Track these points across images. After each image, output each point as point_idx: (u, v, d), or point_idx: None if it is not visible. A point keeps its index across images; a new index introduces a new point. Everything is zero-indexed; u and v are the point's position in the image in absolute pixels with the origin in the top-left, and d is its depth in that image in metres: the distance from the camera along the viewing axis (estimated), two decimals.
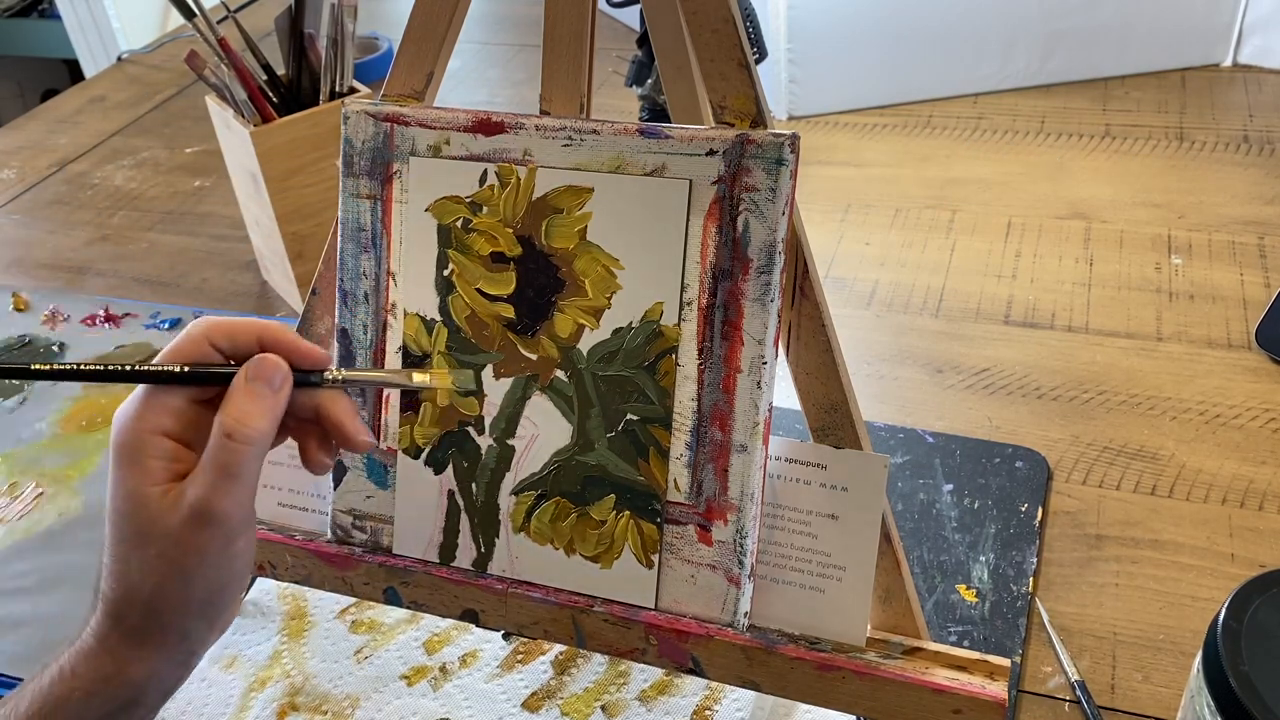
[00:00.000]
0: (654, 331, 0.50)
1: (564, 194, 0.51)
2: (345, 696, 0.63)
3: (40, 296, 1.03)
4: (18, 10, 2.45)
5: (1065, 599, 0.66)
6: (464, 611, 0.55)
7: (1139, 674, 0.62)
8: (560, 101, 0.52)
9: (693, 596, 0.51)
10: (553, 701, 0.61)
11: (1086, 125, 1.14)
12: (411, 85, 0.55)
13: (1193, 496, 0.72)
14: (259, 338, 0.47)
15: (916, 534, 0.70)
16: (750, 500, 0.50)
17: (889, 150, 1.14)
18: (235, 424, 0.44)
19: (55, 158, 1.32)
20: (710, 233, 0.49)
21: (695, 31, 0.48)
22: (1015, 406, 0.80)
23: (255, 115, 0.91)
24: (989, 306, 0.90)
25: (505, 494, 0.54)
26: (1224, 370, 0.82)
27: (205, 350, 0.46)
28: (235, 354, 0.47)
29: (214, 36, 0.90)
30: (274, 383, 0.45)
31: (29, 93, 2.61)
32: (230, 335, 0.47)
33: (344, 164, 0.55)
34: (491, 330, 0.53)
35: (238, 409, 0.44)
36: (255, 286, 1.04)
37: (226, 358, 0.47)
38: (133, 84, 1.50)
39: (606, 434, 0.52)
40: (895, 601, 0.52)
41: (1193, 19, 1.19)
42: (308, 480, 0.60)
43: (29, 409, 0.90)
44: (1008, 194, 1.05)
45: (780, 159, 0.47)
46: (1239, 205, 0.99)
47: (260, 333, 0.47)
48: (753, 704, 0.60)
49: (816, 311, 0.50)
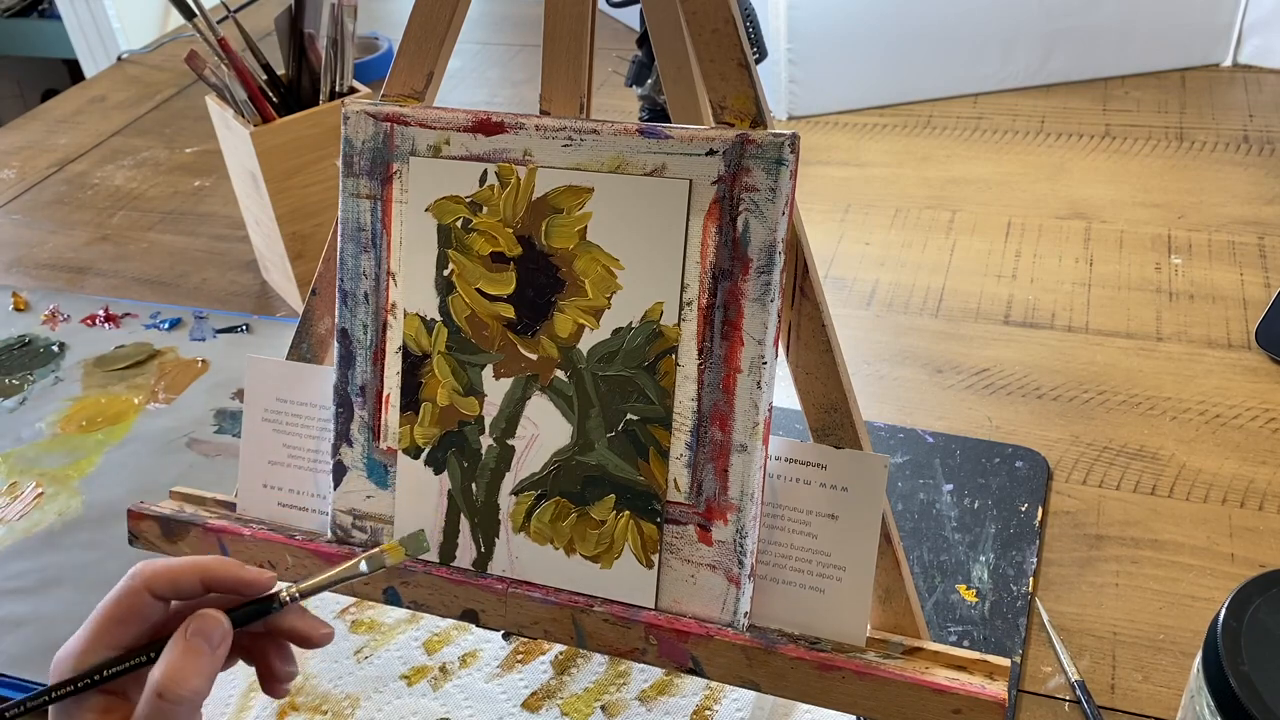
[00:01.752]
0: (654, 331, 0.50)
1: (564, 194, 0.51)
2: (345, 696, 0.63)
3: (40, 296, 1.03)
4: (18, 10, 2.45)
5: (1065, 599, 0.66)
6: (464, 611, 0.55)
7: (1139, 674, 0.62)
8: (560, 101, 0.52)
9: (693, 596, 0.51)
10: (553, 701, 0.61)
11: (1086, 125, 1.14)
12: (411, 85, 0.55)
13: (1193, 496, 0.72)
14: (201, 579, 0.47)
15: (916, 534, 0.70)
16: (750, 500, 0.50)
17: (889, 150, 1.14)
18: (169, 684, 0.44)
19: (55, 158, 1.32)
20: (710, 233, 0.49)
21: (695, 31, 0.48)
22: (1015, 406, 0.80)
23: (255, 115, 0.91)
24: (989, 306, 0.90)
25: (505, 494, 0.54)
26: (1224, 370, 0.82)
27: (145, 601, 0.46)
28: (179, 598, 0.47)
29: (214, 36, 0.90)
30: (213, 640, 0.45)
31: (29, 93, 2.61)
32: (171, 581, 0.46)
33: (344, 164, 0.55)
34: (491, 330, 0.53)
35: (173, 668, 0.44)
36: (255, 286, 1.04)
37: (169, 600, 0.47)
38: (133, 84, 1.50)
39: (606, 434, 0.52)
40: (895, 601, 0.52)
41: (1193, 19, 1.19)
42: (308, 480, 0.60)
43: (29, 409, 0.90)
44: (1008, 194, 1.05)
45: (780, 159, 0.47)
46: (1239, 205, 0.99)
47: (202, 574, 0.47)
48: (753, 704, 0.60)
49: (816, 311, 0.50)
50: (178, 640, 0.45)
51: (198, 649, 0.45)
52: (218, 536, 0.60)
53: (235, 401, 0.88)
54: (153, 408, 0.88)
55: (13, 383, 0.93)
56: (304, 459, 0.60)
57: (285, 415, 0.60)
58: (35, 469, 0.84)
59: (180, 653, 0.45)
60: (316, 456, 0.60)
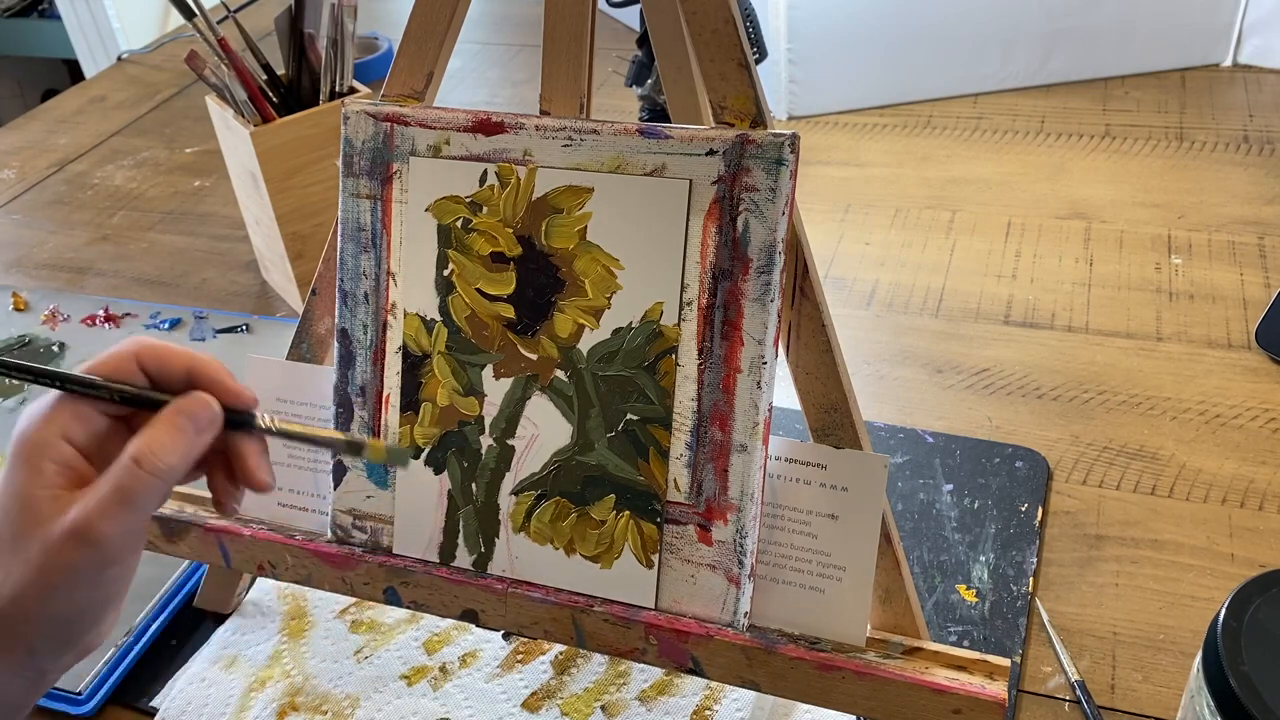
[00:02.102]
0: (654, 331, 0.50)
1: (564, 194, 0.51)
2: (345, 696, 0.63)
3: (40, 296, 1.03)
4: (18, 10, 2.45)
5: (1065, 599, 0.66)
6: (464, 611, 0.55)
7: (1139, 674, 0.62)
8: (560, 101, 0.52)
9: (693, 596, 0.51)
10: (553, 701, 0.61)
11: (1086, 125, 1.14)
12: (411, 85, 0.55)
13: (1193, 496, 0.72)
14: (188, 369, 0.45)
15: (916, 534, 0.70)
16: (750, 500, 0.50)
17: (889, 150, 1.14)
18: (148, 453, 0.42)
19: (55, 158, 1.32)
20: (710, 233, 0.49)
21: (695, 31, 0.48)
22: (1015, 406, 0.80)
23: (255, 115, 0.91)
24: (989, 306, 0.90)
25: (505, 494, 0.54)
26: (1224, 370, 0.82)
27: (131, 369, 0.45)
28: (161, 380, 0.45)
29: (214, 36, 0.90)
30: (199, 422, 0.44)
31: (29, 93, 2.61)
32: (160, 360, 0.45)
33: (344, 164, 0.55)
34: (491, 330, 0.53)
35: (155, 439, 0.43)
36: (255, 286, 1.04)
37: (152, 381, 0.45)
38: (133, 84, 1.50)
39: (606, 434, 0.52)
40: (895, 601, 0.52)
41: (1193, 19, 1.19)
42: (308, 480, 0.60)
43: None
44: (1008, 194, 1.05)
45: (780, 159, 0.47)
46: (1239, 205, 0.99)
47: (190, 365, 0.45)
48: (753, 704, 0.60)
49: (816, 311, 0.50)
50: (165, 415, 0.44)
51: (182, 427, 0.44)
52: (218, 536, 0.60)
53: None
54: None
55: (13, 383, 0.93)
56: (304, 459, 0.60)
57: (285, 415, 0.60)
58: None
59: (165, 427, 0.43)
60: (316, 456, 0.60)
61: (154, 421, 0.43)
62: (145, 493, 0.42)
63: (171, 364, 0.45)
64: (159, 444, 0.43)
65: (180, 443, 0.43)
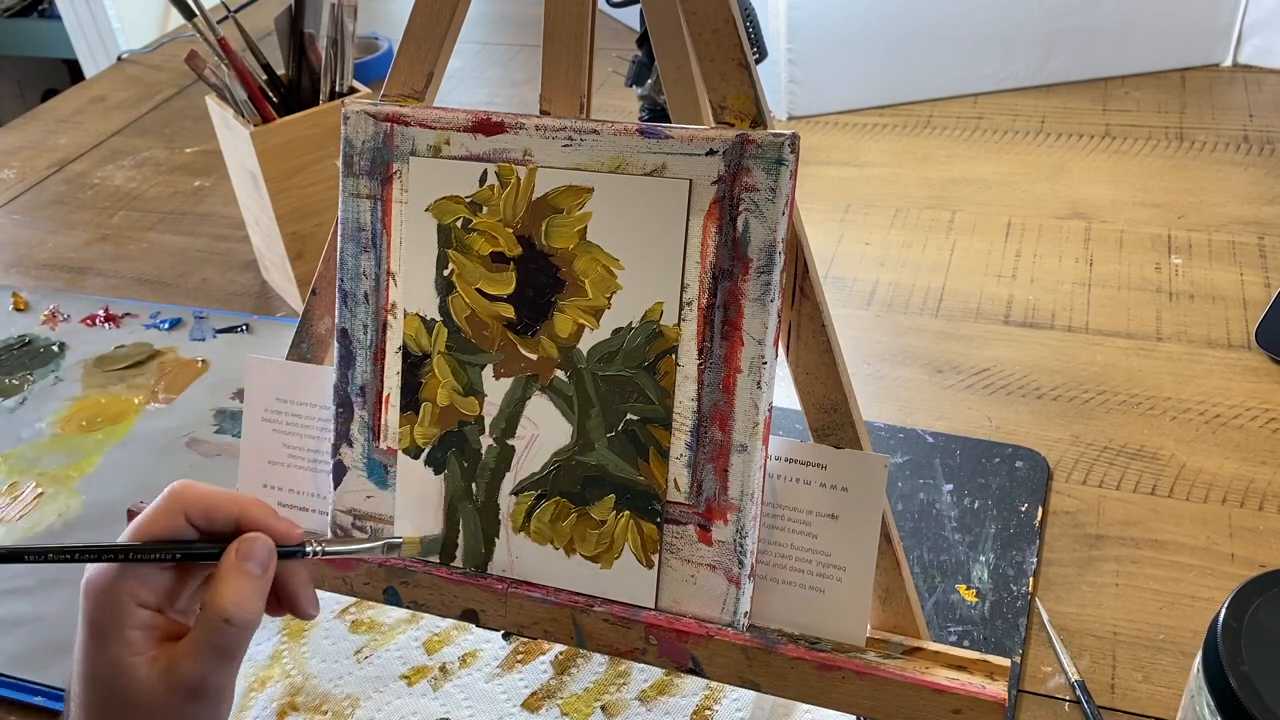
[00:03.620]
0: (654, 331, 0.50)
1: (564, 194, 0.51)
2: (345, 696, 0.63)
3: (40, 296, 1.03)
4: (18, 10, 2.45)
5: (1065, 599, 0.66)
6: (464, 611, 0.55)
7: (1139, 674, 0.62)
8: (560, 101, 0.52)
9: (693, 596, 0.51)
10: (553, 701, 0.61)
11: (1086, 125, 1.14)
12: (411, 85, 0.55)
13: (1193, 496, 0.72)
14: (238, 519, 0.47)
15: (916, 534, 0.70)
16: (750, 500, 0.50)
17: (889, 150, 1.14)
18: (235, 609, 0.44)
19: (55, 158, 1.32)
20: (710, 233, 0.49)
21: (695, 31, 0.48)
22: (1015, 406, 0.80)
23: (255, 115, 0.91)
24: (989, 306, 0.90)
25: (505, 494, 0.54)
26: (1224, 370, 0.82)
27: (181, 525, 0.46)
28: (211, 531, 0.47)
29: (214, 36, 0.90)
30: (263, 562, 0.46)
31: (29, 93, 2.61)
32: (208, 512, 0.46)
33: (344, 164, 0.55)
34: (491, 330, 0.53)
35: (234, 592, 0.44)
36: (255, 286, 1.04)
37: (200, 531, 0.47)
38: (133, 84, 1.50)
39: (606, 434, 0.52)
40: (895, 601, 0.52)
41: (1193, 19, 1.19)
42: (308, 480, 0.60)
43: (29, 409, 0.90)
44: (1008, 194, 1.05)
45: (780, 159, 0.47)
46: (1239, 205, 0.99)
47: (240, 514, 0.47)
48: (753, 704, 0.60)
49: (816, 311, 0.50)
50: (231, 564, 0.45)
51: (252, 572, 0.45)
52: None
53: (235, 401, 0.88)
54: (153, 408, 0.88)
55: (13, 383, 0.93)
56: (304, 459, 0.60)
57: (285, 415, 0.60)
58: (35, 469, 0.84)
59: (238, 577, 0.45)
60: (316, 456, 0.60)
61: (224, 574, 0.45)
62: (240, 644, 0.45)
63: (218, 515, 0.47)
64: (240, 596, 0.45)
65: (256, 588, 0.45)
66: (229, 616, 0.44)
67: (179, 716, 0.44)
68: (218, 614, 0.44)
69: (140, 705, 0.44)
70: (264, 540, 0.46)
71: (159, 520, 0.46)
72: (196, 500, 0.46)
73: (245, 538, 0.46)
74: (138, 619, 0.45)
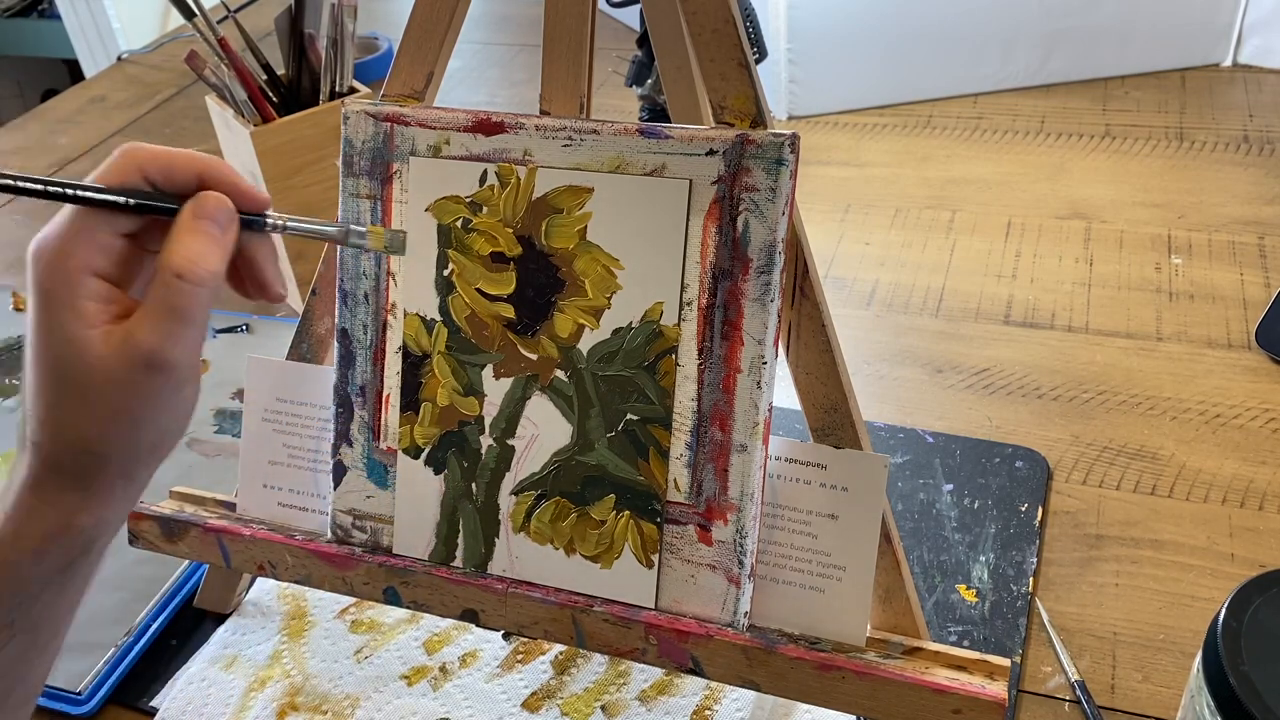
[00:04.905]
0: (654, 331, 0.50)
1: (564, 194, 0.51)
2: (345, 696, 0.63)
3: None
4: (18, 10, 2.45)
5: (1065, 599, 0.66)
6: (464, 611, 0.55)
7: (1139, 674, 0.62)
8: (560, 101, 0.52)
9: (693, 596, 0.51)
10: (553, 701, 0.61)
11: (1086, 125, 1.14)
12: (411, 85, 0.55)
13: (1193, 496, 0.72)
14: (199, 175, 0.43)
15: (916, 534, 0.70)
16: (750, 500, 0.50)
17: (889, 150, 1.14)
18: (188, 264, 0.41)
19: (55, 158, 1.32)
20: (710, 233, 0.49)
21: (695, 31, 0.48)
22: (1015, 406, 0.80)
23: (255, 115, 0.91)
24: (989, 306, 0.90)
25: (505, 494, 0.54)
26: (1224, 370, 0.82)
27: (137, 182, 0.42)
28: (171, 189, 0.43)
29: (214, 36, 0.90)
30: (221, 221, 0.42)
31: (29, 93, 2.61)
32: (167, 169, 0.42)
33: (344, 164, 0.55)
34: (491, 330, 0.53)
35: (188, 249, 0.41)
36: None
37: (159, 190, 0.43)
38: (133, 84, 1.50)
39: (606, 434, 0.52)
40: (895, 601, 0.52)
41: (1193, 19, 1.19)
42: (308, 480, 0.60)
43: None
44: (1008, 194, 1.05)
45: (780, 159, 0.47)
46: (1239, 205, 0.99)
47: (201, 170, 0.43)
48: (753, 704, 0.60)
49: (816, 311, 0.50)
50: (185, 221, 0.42)
51: (209, 230, 0.42)
52: (218, 536, 0.60)
53: (235, 401, 0.88)
54: None
55: (13, 383, 0.93)
56: (304, 459, 0.60)
57: (285, 415, 0.60)
58: None
59: (192, 234, 0.41)
60: (316, 456, 0.60)
61: (177, 231, 0.42)
62: (198, 305, 0.41)
63: (179, 171, 0.43)
64: (195, 252, 0.41)
65: (214, 245, 0.42)
66: (181, 271, 0.40)
67: (138, 391, 0.41)
68: (170, 269, 0.41)
69: (96, 382, 0.40)
70: (223, 200, 0.43)
71: (112, 179, 0.42)
72: (152, 158, 0.42)
73: (203, 194, 0.42)
74: (90, 288, 0.41)
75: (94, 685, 0.64)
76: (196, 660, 0.65)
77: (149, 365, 0.41)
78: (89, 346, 0.40)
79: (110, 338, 0.41)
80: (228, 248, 0.43)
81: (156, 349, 0.40)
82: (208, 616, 0.68)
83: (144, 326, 0.41)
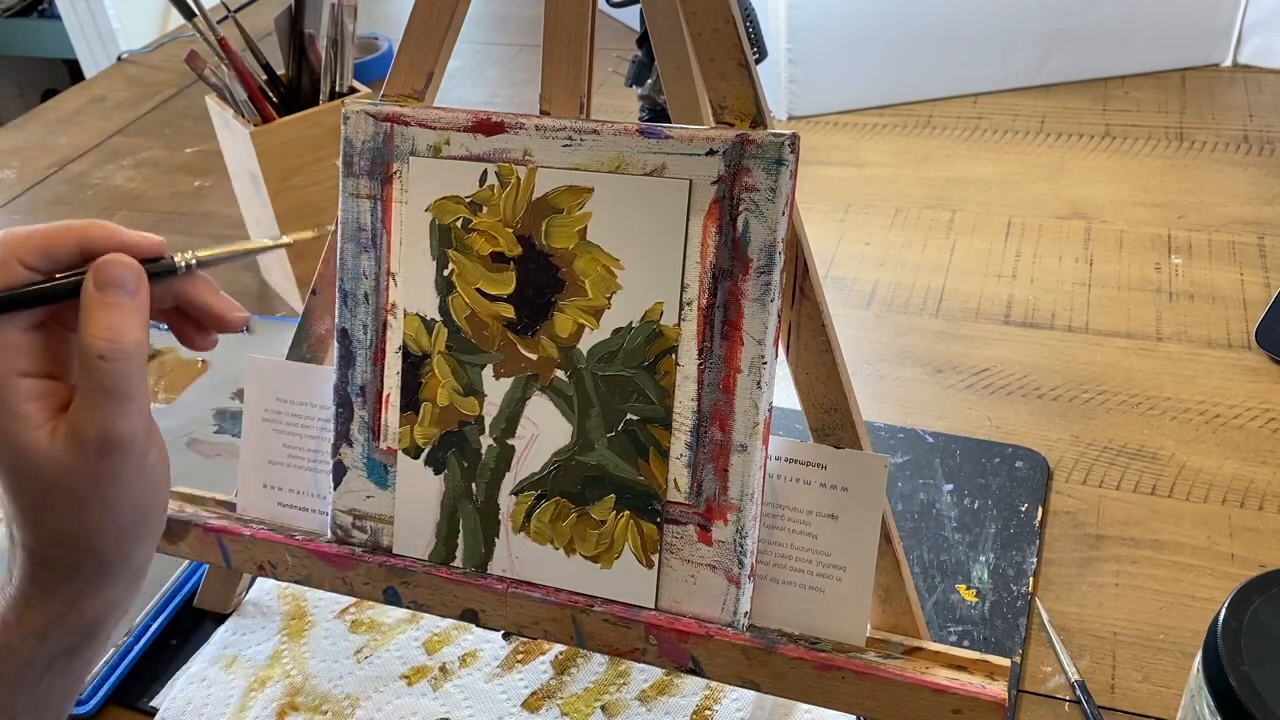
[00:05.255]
0: (654, 331, 0.50)
1: (564, 194, 0.51)
2: (345, 696, 0.63)
3: None
4: (18, 10, 2.45)
5: (1065, 599, 0.66)
6: (464, 611, 0.55)
7: (1139, 674, 0.62)
8: (560, 101, 0.52)
9: (693, 596, 0.51)
10: (553, 701, 0.61)
11: (1086, 125, 1.14)
12: (411, 85, 0.55)
13: (1193, 496, 0.72)
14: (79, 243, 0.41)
15: (916, 534, 0.70)
16: (750, 500, 0.50)
17: (889, 150, 1.14)
18: (106, 345, 0.39)
19: (55, 158, 1.32)
20: (710, 233, 0.49)
21: (695, 31, 0.48)
22: (1015, 406, 0.80)
23: (255, 115, 0.91)
24: (989, 306, 0.90)
25: (505, 494, 0.54)
26: (1224, 370, 0.82)
27: (18, 274, 0.40)
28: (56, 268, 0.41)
29: (214, 36, 0.90)
30: (128, 285, 0.41)
31: (29, 93, 2.61)
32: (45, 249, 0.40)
33: (344, 164, 0.55)
34: (491, 330, 0.53)
35: (101, 327, 0.40)
36: (255, 286, 1.04)
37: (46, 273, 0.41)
38: (133, 84, 1.50)
39: (606, 434, 0.52)
40: (895, 601, 0.52)
41: (1193, 19, 1.19)
42: (308, 480, 0.60)
43: None
44: (1008, 194, 1.05)
45: (780, 159, 0.47)
46: (1239, 205, 0.99)
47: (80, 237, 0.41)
48: (753, 704, 0.60)
49: (816, 311, 0.50)
50: (91, 297, 0.40)
51: (118, 301, 0.40)
52: (218, 536, 0.60)
53: (235, 401, 0.88)
54: (152, 408, 0.88)
55: None
56: (304, 459, 0.60)
57: (285, 415, 0.60)
58: None
59: (102, 308, 0.40)
60: (316, 456, 0.60)
61: (86, 309, 0.40)
62: (130, 379, 0.40)
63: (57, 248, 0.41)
64: (108, 328, 0.40)
65: (128, 314, 0.40)
66: (102, 353, 0.39)
67: (100, 477, 0.40)
68: (91, 353, 0.39)
69: (57, 479, 0.39)
70: (122, 261, 0.41)
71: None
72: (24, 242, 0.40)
73: (99, 263, 0.40)
74: (23, 390, 0.40)
75: (94, 685, 0.64)
76: (196, 660, 0.65)
77: (101, 450, 0.40)
78: (38, 449, 0.40)
79: (56, 435, 0.40)
80: (143, 310, 0.41)
81: (104, 433, 0.40)
82: (208, 616, 0.68)
83: (84, 415, 0.40)
